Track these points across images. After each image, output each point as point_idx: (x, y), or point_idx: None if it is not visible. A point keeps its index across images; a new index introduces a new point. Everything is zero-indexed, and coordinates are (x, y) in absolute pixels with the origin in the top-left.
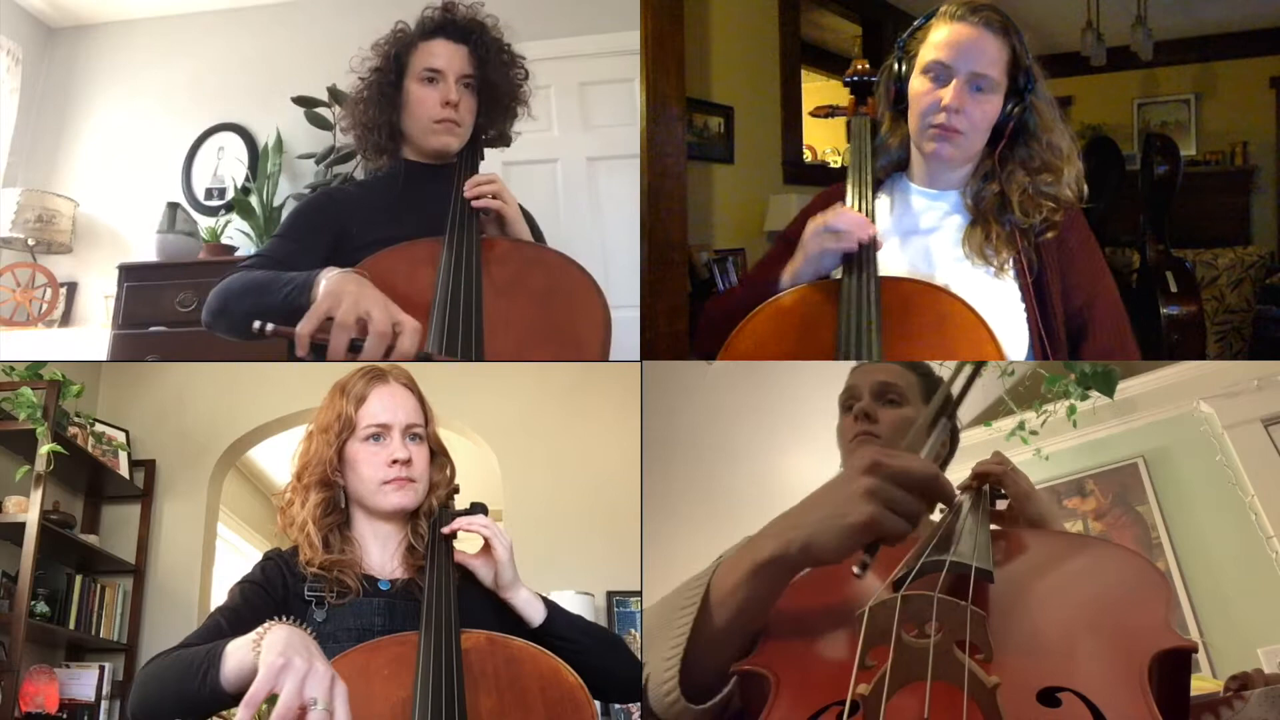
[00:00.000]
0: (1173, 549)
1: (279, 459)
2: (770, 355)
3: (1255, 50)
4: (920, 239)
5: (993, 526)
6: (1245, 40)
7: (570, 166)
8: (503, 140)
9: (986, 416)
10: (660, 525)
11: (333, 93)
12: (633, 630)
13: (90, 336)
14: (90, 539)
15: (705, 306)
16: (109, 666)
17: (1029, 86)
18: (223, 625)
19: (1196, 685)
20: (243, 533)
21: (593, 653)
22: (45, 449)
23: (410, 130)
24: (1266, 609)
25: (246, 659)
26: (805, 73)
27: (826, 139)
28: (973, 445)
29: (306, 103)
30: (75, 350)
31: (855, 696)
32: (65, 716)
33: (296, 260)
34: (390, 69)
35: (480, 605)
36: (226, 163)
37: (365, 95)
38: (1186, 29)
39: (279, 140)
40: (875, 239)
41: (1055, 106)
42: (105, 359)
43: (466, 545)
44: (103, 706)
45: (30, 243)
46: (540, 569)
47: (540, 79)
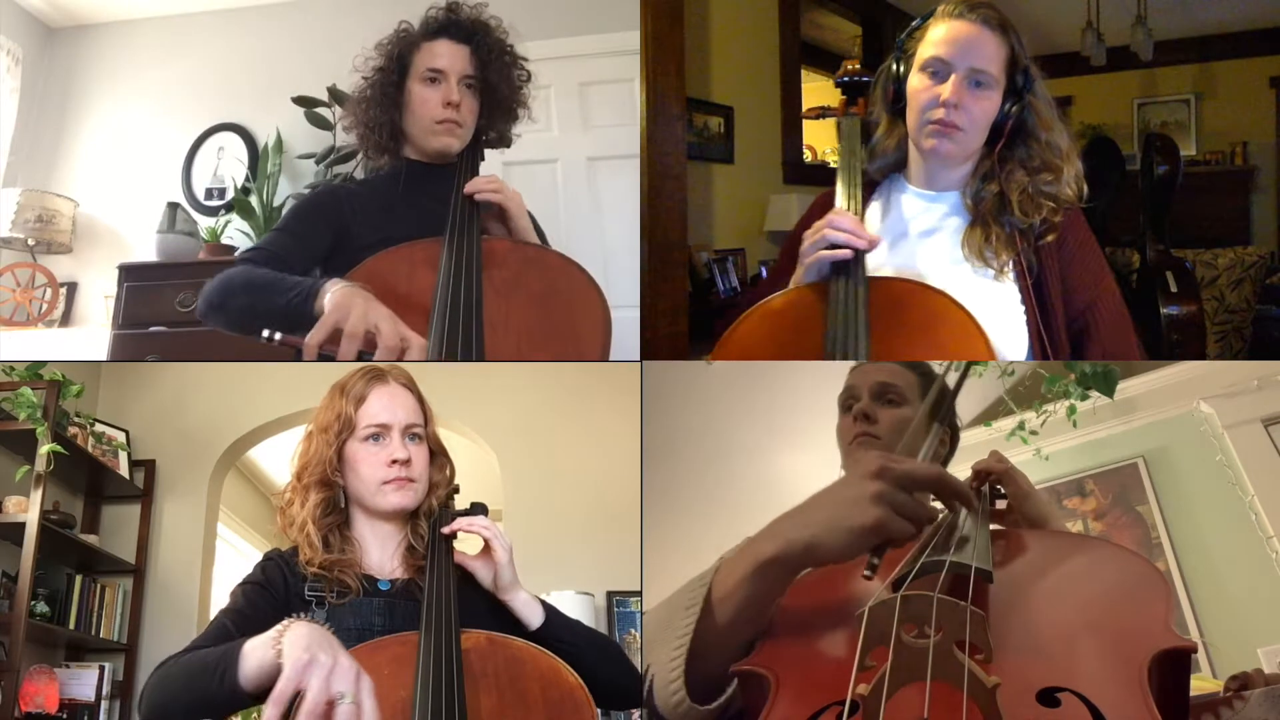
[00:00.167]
0: (1173, 549)
1: (279, 459)
2: (761, 357)
3: (1255, 50)
4: (918, 241)
5: (992, 526)
6: (1245, 40)
7: (570, 166)
8: (503, 142)
9: (986, 416)
10: (660, 525)
11: (333, 93)
12: (633, 630)
13: (90, 336)
14: (90, 539)
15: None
16: (109, 666)
17: (1027, 86)
18: (229, 627)
19: (1196, 685)
20: (243, 533)
21: (589, 658)
22: (45, 449)
23: (412, 130)
24: (1266, 609)
25: (267, 657)
26: (805, 73)
27: (827, 139)
28: (973, 445)
29: (306, 103)
30: (75, 350)
31: (855, 696)
32: (65, 716)
33: (295, 255)
34: (393, 69)
35: (478, 606)
36: (226, 163)
37: (368, 95)
38: (1186, 29)
39: (279, 140)
40: (871, 243)
41: (1054, 106)
42: (105, 359)
43: (466, 546)
44: (103, 706)
45: (30, 243)
46: (540, 569)
47: (540, 79)
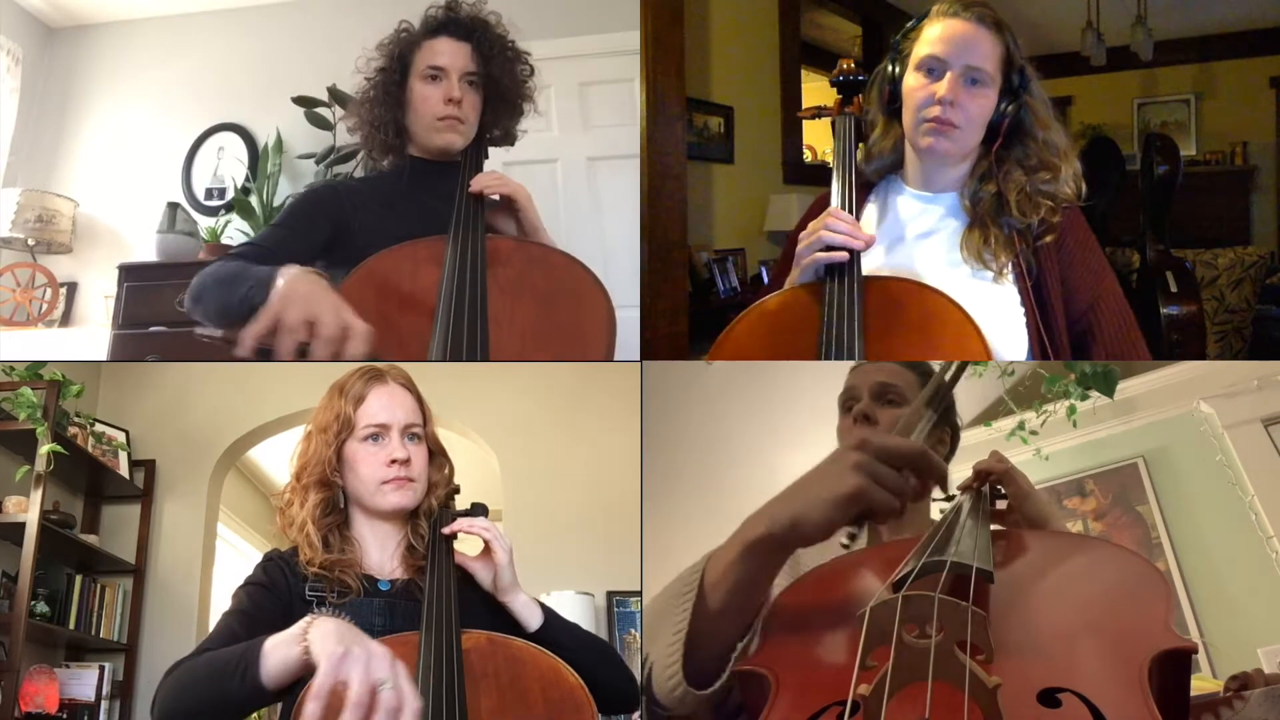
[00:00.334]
0: (1173, 549)
1: (279, 459)
2: (757, 358)
3: (1255, 50)
4: (916, 243)
5: (993, 526)
6: (1245, 40)
7: (570, 166)
8: (508, 139)
9: (986, 416)
10: (660, 525)
11: (333, 93)
12: (633, 630)
13: (90, 336)
14: (90, 539)
15: None
16: (109, 666)
17: (1023, 85)
18: (236, 629)
19: (1196, 685)
20: (243, 533)
21: (587, 661)
22: (45, 449)
23: (414, 128)
24: (1266, 609)
25: (291, 654)
26: (805, 73)
27: (827, 139)
28: (973, 445)
29: (306, 103)
30: (75, 350)
31: (856, 697)
32: (65, 716)
33: (288, 248)
34: (394, 68)
35: (477, 608)
36: (226, 163)
37: (371, 95)
38: (1186, 29)
39: (279, 140)
40: (868, 243)
41: (1050, 106)
42: (105, 359)
43: (466, 547)
44: (103, 706)
45: (30, 243)
46: (540, 569)
47: (541, 79)
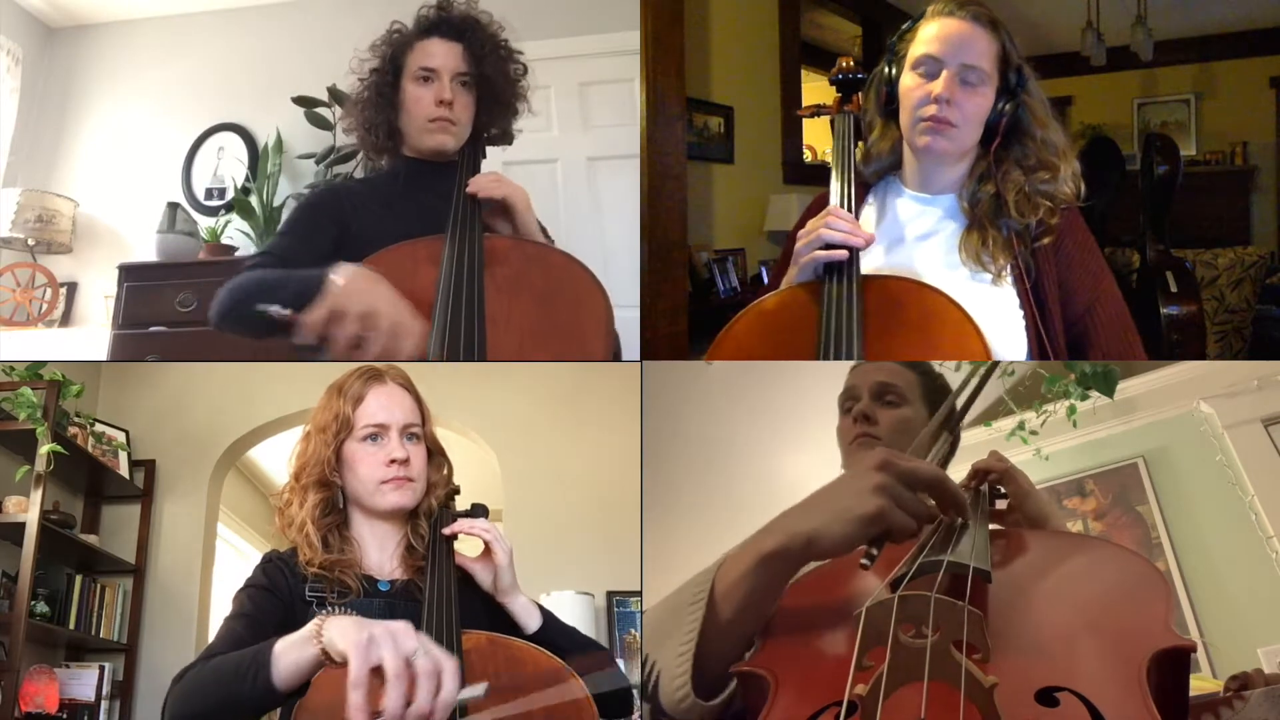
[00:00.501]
0: (1173, 549)
1: (279, 459)
2: (755, 357)
3: (1255, 50)
4: (914, 245)
5: (992, 526)
6: (1245, 40)
7: (570, 166)
8: (505, 138)
9: (986, 416)
10: (660, 525)
11: (333, 93)
12: (633, 630)
13: (90, 336)
14: (90, 539)
15: None
16: (109, 666)
17: (1020, 84)
18: (240, 632)
19: (1196, 685)
20: (243, 533)
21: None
22: (45, 449)
23: (407, 129)
24: (1266, 609)
25: (305, 655)
26: (805, 73)
27: (827, 139)
28: (973, 445)
29: (306, 103)
30: (75, 350)
31: (852, 697)
32: (65, 716)
33: (301, 257)
34: (387, 69)
35: (476, 609)
36: (226, 163)
37: (364, 96)
38: (1186, 29)
39: (279, 140)
40: (867, 241)
41: (1049, 105)
42: (105, 359)
43: (466, 548)
44: (103, 706)
45: (30, 243)
46: (540, 569)
47: (540, 79)
